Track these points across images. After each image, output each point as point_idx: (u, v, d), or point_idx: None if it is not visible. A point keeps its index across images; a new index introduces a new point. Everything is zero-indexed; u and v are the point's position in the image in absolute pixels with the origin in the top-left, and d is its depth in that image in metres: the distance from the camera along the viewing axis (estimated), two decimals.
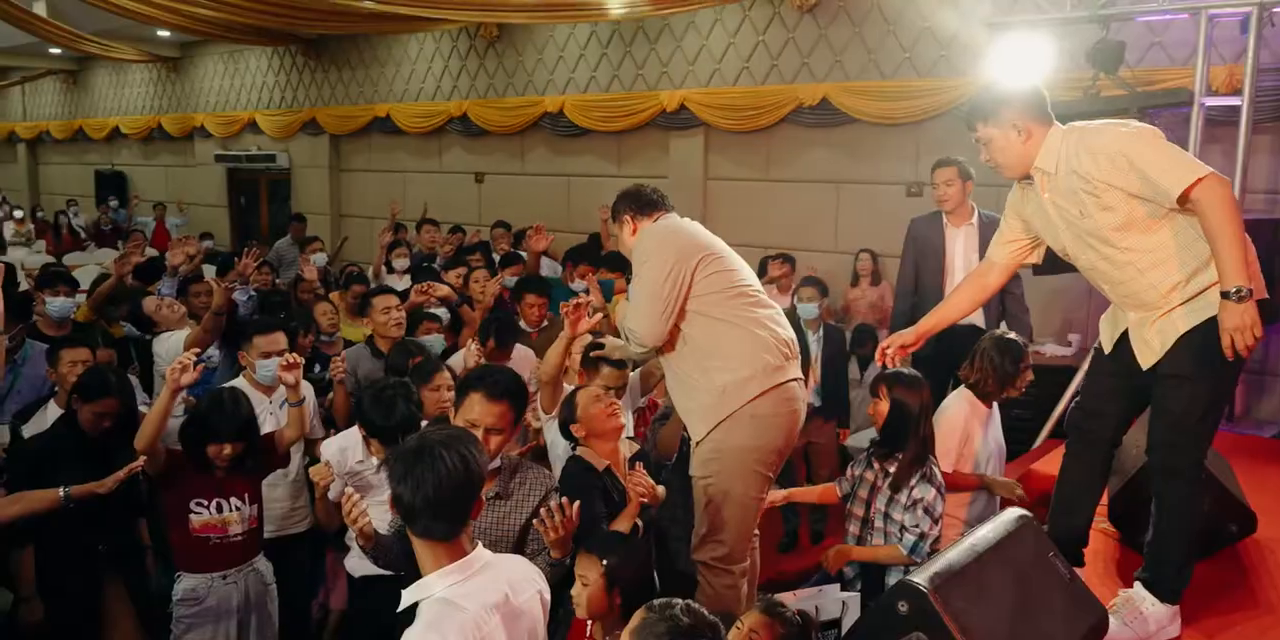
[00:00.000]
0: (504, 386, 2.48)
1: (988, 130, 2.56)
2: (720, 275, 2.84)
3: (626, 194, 3.08)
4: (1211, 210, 2.26)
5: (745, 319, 2.83)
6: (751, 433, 2.79)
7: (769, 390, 2.78)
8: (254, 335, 3.71)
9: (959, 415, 3.56)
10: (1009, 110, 2.52)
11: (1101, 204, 2.42)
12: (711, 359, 2.81)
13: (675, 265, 2.79)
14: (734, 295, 2.84)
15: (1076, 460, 2.76)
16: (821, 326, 5.73)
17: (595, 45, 9.03)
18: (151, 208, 13.79)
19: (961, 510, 3.59)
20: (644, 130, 8.78)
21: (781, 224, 8.03)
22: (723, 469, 2.80)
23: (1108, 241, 2.45)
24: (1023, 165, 2.55)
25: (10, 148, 18.38)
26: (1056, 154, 2.48)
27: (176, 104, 14.21)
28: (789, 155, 7.99)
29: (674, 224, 2.98)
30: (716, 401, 2.79)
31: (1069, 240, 2.56)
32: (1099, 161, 2.39)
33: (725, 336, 2.81)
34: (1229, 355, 2.26)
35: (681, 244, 2.85)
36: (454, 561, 1.83)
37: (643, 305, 2.82)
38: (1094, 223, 2.45)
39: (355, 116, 11.34)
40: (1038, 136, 2.51)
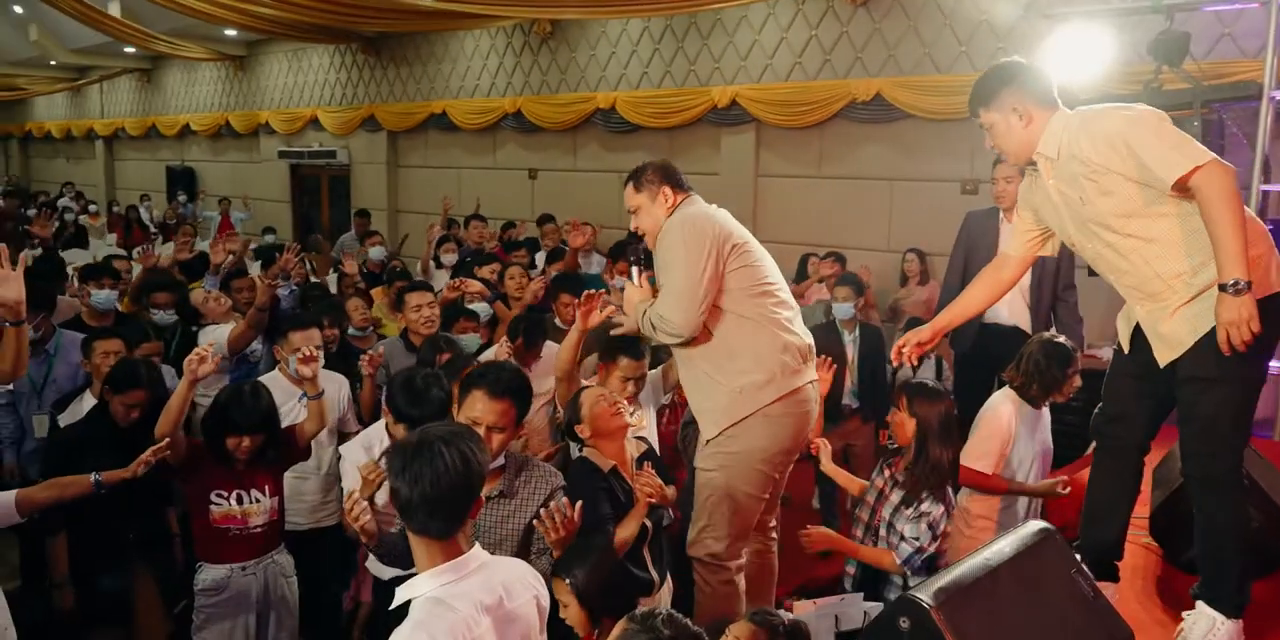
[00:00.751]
0: (506, 384, 2.45)
1: (989, 115, 2.45)
2: (749, 270, 2.77)
3: (660, 165, 2.97)
4: (1210, 199, 2.13)
5: (770, 319, 2.76)
6: (763, 434, 2.74)
7: (784, 396, 2.73)
8: (289, 331, 3.75)
9: (1002, 417, 3.46)
10: (1008, 93, 2.40)
11: (1101, 189, 2.30)
12: (734, 360, 2.74)
13: (712, 252, 2.71)
14: (760, 293, 2.77)
15: (1103, 469, 2.63)
16: (858, 326, 5.61)
17: (647, 41, 8.98)
18: (217, 203, 14.13)
19: (996, 514, 3.48)
20: (695, 126, 8.70)
21: (833, 222, 7.88)
22: (729, 465, 2.76)
23: (1111, 228, 2.33)
24: (1025, 151, 2.44)
25: (89, 144, 19.02)
26: (1059, 138, 2.36)
27: (243, 101, 14.54)
28: (841, 152, 7.84)
29: (708, 209, 2.90)
30: (732, 403, 2.74)
31: (1074, 228, 2.44)
32: (1098, 145, 2.27)
33: (749, 337, 2.75)
34: (1225, 350, 2.14)
35: (717, 231, 2.76)
36: (449, 560, 1.81)
37: (681, 293, 2.71)
38: (1095, 209, 2.33)
39: (412, 113, 11.47)
40: (1039, 120, 2.39)
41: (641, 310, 2.85)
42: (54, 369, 4.07)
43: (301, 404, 3.75)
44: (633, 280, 2.98)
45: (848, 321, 5.57)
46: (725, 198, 8.22)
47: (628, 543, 2.74)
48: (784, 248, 8.02)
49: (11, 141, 22.15)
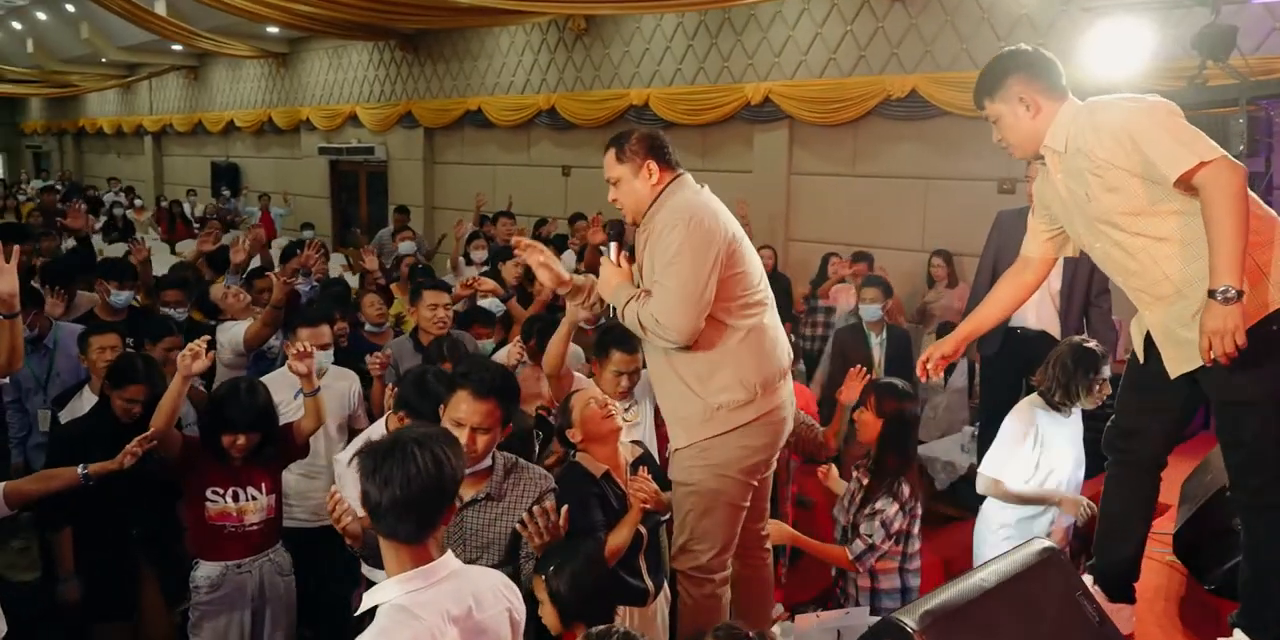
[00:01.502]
0: (490, 383, 2.38)
1: (995, 107, 2.31)
2: (743, 275, 2.57)
3: (646, 135, 2.65)
4: (1212, 198, 1.99)
5: (758, 329, 2.59)
6: (736, 446, 2.59)
7: (764, 415, 2.58)
8: (298, 327, 3.72)
9: (1026, 423, 3.35)
10: (1015, 82, 2.27)
11: (1106, 185, 2.16)
12: (715, 375, 2.55)
13: (719, 258, 2.48)
14: (753, 301, 2.59)
15: (1117, 485, 2.48)
16: (885, 328, 5.47)
17: (681, 37, 8.89)
18: (257, 198, 14.32)
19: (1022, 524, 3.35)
20: (728, 124, 8.60)
21: (866, 221, 7.73)
22: (705, 478, 2.61)
23: (1118, 226, 2.20)
24: (1032, 144, 2.30)
25: (138, 140, 19.40)
26: (1066, 131, 2.23)
27: (285, 98, 14.71)
28: (876, 149, 7.68)
29: (709, 202, 2.61)
30: (708, 419, 2.56)
31: (1082, 226, 2.30)
32: (1103, 138, 2.14)
33: (735, 351, 2.55)
34: (1206, 360, 2.00)
35: (723, 233, 2.52)
36: (417, 567, 1.75)
37: (684, 297, 2.46)
38: (1101, 206, 2.20)
39: (448, 110, 11.49)
40: (1048, 111, 2.26)
41: (627, 303, 2.58)
42: (55, 363, 4.10)
43: None
44: (609, 256, 2.70)
45: (875, 323, 5.45)
46: (758, 196, 8.28)
47: (619, 550, 2.65)
48: (816, 246, 7.92)
49: (66, 137, 22.70)
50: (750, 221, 7.67)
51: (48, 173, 22.85)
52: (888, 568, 3.10)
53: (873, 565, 3.09)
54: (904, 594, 3.10)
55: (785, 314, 7.16)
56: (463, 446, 2.36)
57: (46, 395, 4.03)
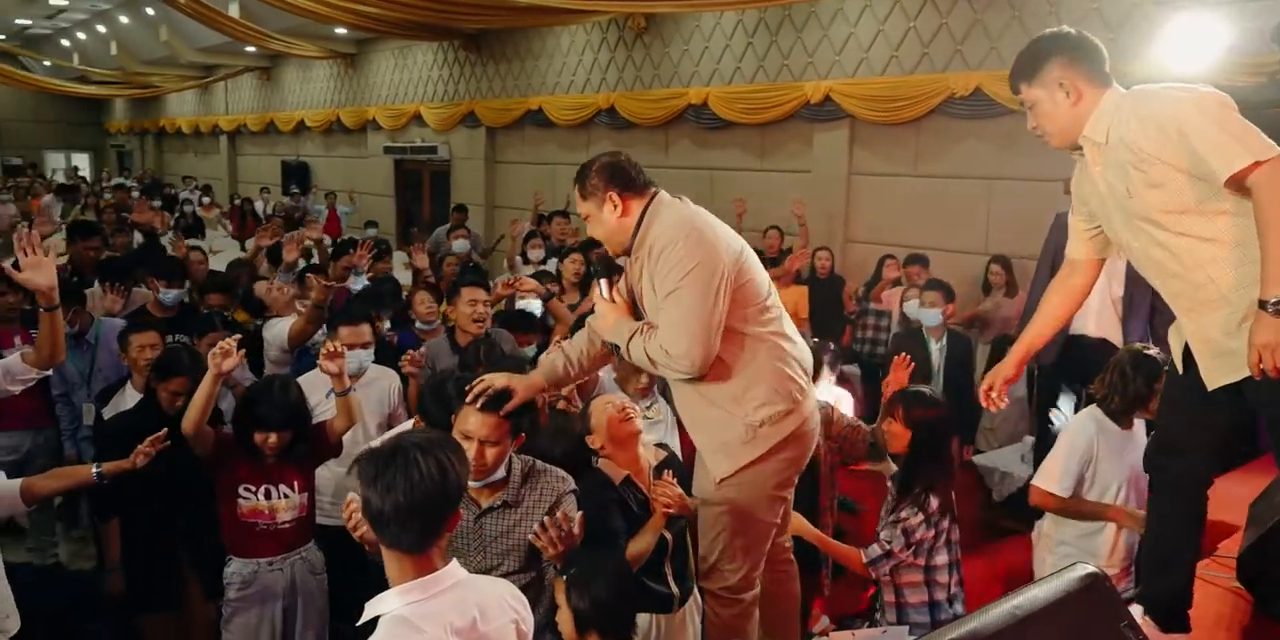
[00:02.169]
0: (498, 397, 2.34)
1: (1032, 92, 2.17)
2: (752, 283, 2.45)
3: (604, 165, 2.47)
4: (1267, 201, 1.84)
5: (778, 334, 2.47)
6: (775, 460, 2.47)
7: (804, 422, 2.48)
8: (338, 326, 3.73)
9: (1082, 435, 3.20)
10: (1055, 66, 2.12)
11: (1149, 181, 2.01)
12: (749, 390, 2.40)
13: (722, 271, 2.34)
14: (766, 306, 2.47)
15: (1162, 507, 2.33)
16: (945, 334, 5.30)
17: (741, 35, 8.77)
18: (323, 196, 14.59)
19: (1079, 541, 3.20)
20: (787, 123, 8.46)
21: (927, 222, 7.53)
22: (739, 497, 2.48)
23: (1160, 225, 2.05)
24: (1071, 133, 2.16)
25: (214, 140, 19.95)
26: (1109, 121, 2.08)
27: (353, 98, 14.96)
28: (938, 149, 7.47)
29: (696, 216, 2.45)
30: (754, 439, 2.41)
31: (1120, 223, 2.15)
32: (1148, 130, 1.99)
33: (762, 361, 2.42)
34: (1255, 374, 1.85)
35: (722, 244, 2.39)
36: (420, 577, 1.70)
37: (690, 322, 2.31)
38: (1142, 203, 2.05)
39: (510, 109, 11.55)
40: (1089, 98, 2.11)
41: (631, 339, 2.45)
42: (97, 358, 4.19)
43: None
44: (603, 295, 2.56)
45: (934, 329, 5.29)
46: (816, 196, 8.13)
47: (641, 557, 2.60)
48: (875, 248, 7.74)
49: (147, 137, 23.47)
50: (807, 222, 7.55)
51: (129, 171, 23.66)
52: (912, 581, 2.98)
53: (897, 580, 2.97)
54: (932, 608, 2.98)
55: (837, 316, 7.12)
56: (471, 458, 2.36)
57: (90, 390, 4.12)
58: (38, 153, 24.81)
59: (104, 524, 3.51)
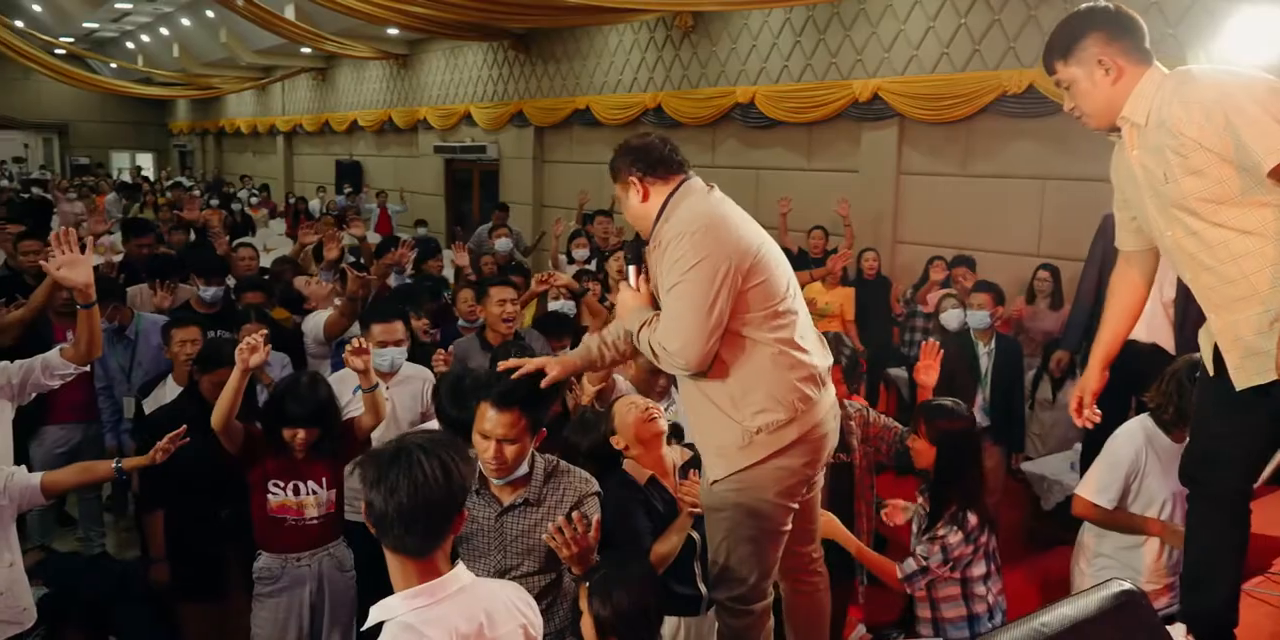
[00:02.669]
0: (513, 394, 2.29)
1: (1069, 70, 2.06)
2: (767, 285, 2.32)
3: (632, 148, 2.41)
4: None
5: (788, 342, 2.34)
6: (773, 467, 2.36)
7: (807, 433, 2.35)
8: (371, 323, 3.73)
9: (1130, 445, 3.07)
10: (1094, 43, 2.01)
11: (1189, 167, 1.90)
12: (748, 395, 2.32)
13: (731, 273, 2.24)
14: (778, 311, 2.34)
15: (1200, 519, 2.21)
16: (994, 338, 5.16)
17: (789, 33, 8.67)
18: (375, 195, 14.77)
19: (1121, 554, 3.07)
20: (835, 122, 8.34)
21: (978, 223, 7.37)
22: (740, 502, 2.40)
23: (1196, 214, 1.93)
24: (1110, 113, 2.05)
25: (271, 140, 20.33)
26: (1149, 102, 1.97)
27: (404, 98, 15.12)
28: (990, 148, 7.30)
29: (715, 208, 2.36)
30: (748, 444, 2.33)
31: (1155, 210, 2.04)
32: (1191, 114, 1.87)
33: (766, 368, 2.32)
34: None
35: (734, 240, 2.28)
36: (425, 582, 1.67)
37: (687, 319, 2.25)
38: (1179, 190, 1.94)
39: (558, 109, 11.57)
40: (1130, 76, 2.00)
41: (640, 328, 2.40)
42: (138, 352, 4.26)
43: (386, 396, 3.75)
44: (629, 282, 2.52)
45: (983, 332, 5.15)
46: (864, 196, 8.00)
47: (668, 557, 2.56)
48: (924, 249, 7.60)
49: (208, 137, 24.01)
50: (851, 222, 7.43)
51: (191, 170, 24.25)
52: (949, 595, 2.89)
53: (934, 594, 2.89)
54: (971, 622, 2.89)
55: (884, 318, 6.98)
56: (490, 457, 2.34)
57: (130, 384, 4.19)
58: (104, 152, 25.57)
59: (148, 515, 3.56)
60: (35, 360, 2.96)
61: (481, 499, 2.46)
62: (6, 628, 2.80)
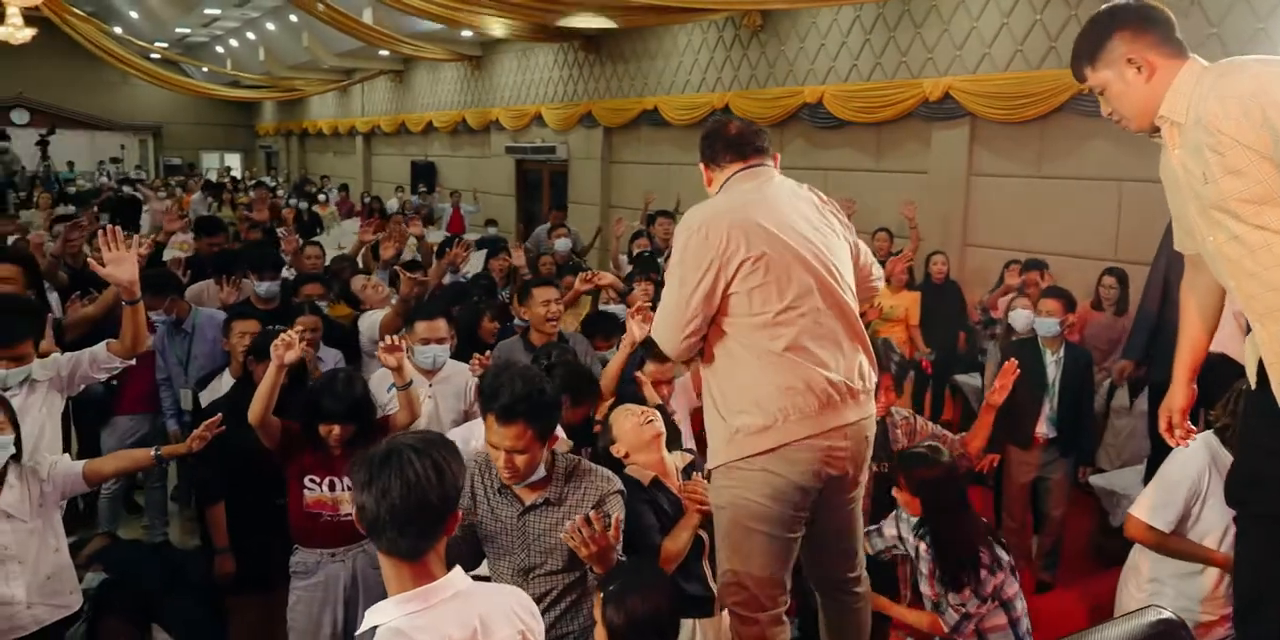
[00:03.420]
0: (515, 407, 2.27)
1: (1099, 75, 1.96)
2: (758, 292, 2.28)
3: (710, 132, 2.48)
4: None
5: (776, 354, 2.29)
6: (759, 469, 2.33)
7: (791, 443, 2.30)
8: (415, 321, 3.76)
9: (1192, 464, 2.86)
10: (1120, 42, 1.91)
11: (1227, 166, 1.77)
12: (730, 396, 2.35)
13: (709, 269, 2.27)
14: (768, 323, 2.29)
15: (1250, 544, 2.06)
16: (1064, 346, 4.94)
17: (858, 31, 8.50)
18: (448, 195, 14.99)
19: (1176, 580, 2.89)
20: (904, 121, 8.15)
21: (1053, 227, 7.11)
22: (736, 502, 2.38)
23: (1236, 215, 1.81)
24: (1148, 113, 1.93)
25: (351, 140, 20.81)
26: (1188, 98, 1.85)
27: (478, 99, 15.31)
28: (1065, 149, 7.04)
29: (734, 205, 2.36)
30: (728, 442, 2.36)
31: (1197, 214, 1.91)
32: (1229, 109, 1.75)
33: (750, 373, 2.31)
34: None
35: (725, 239, 2.28)
36: (419, 586, 1.65)
37: (667, 311, 2.38)
38: (1219, 190, 1.81)
39: (626, 109, 11.57)
40: (1164, 72, 1.89)
41: None
42: (194, 346, 4.37)
43: (428, 394, 3.78)
44: None
45: (1051, 340, 4.93)
46: (933, 197, 7.79)
47: (679, 555, 2.57)
48: (995, 253, 7.37)
49: (292, 138, 24.70)
50: (918, 224, 7.25)
51: (276, 170, 25.00)
52: (997, 625, 2.77)
53: (981, 626, 2.78)
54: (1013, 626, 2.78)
55: (953, 324, 6.78)
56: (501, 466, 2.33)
57: (188, 376, 4.31)
58: (195, 153, 26.55)
59: (210, 507, 3.62)
60: (84, 353, 3.06)
61: (504, 498, 2.47)
62: (54, 611, 2.87)
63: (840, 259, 2.42)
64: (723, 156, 2.44)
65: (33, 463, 2.82)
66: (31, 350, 2.95)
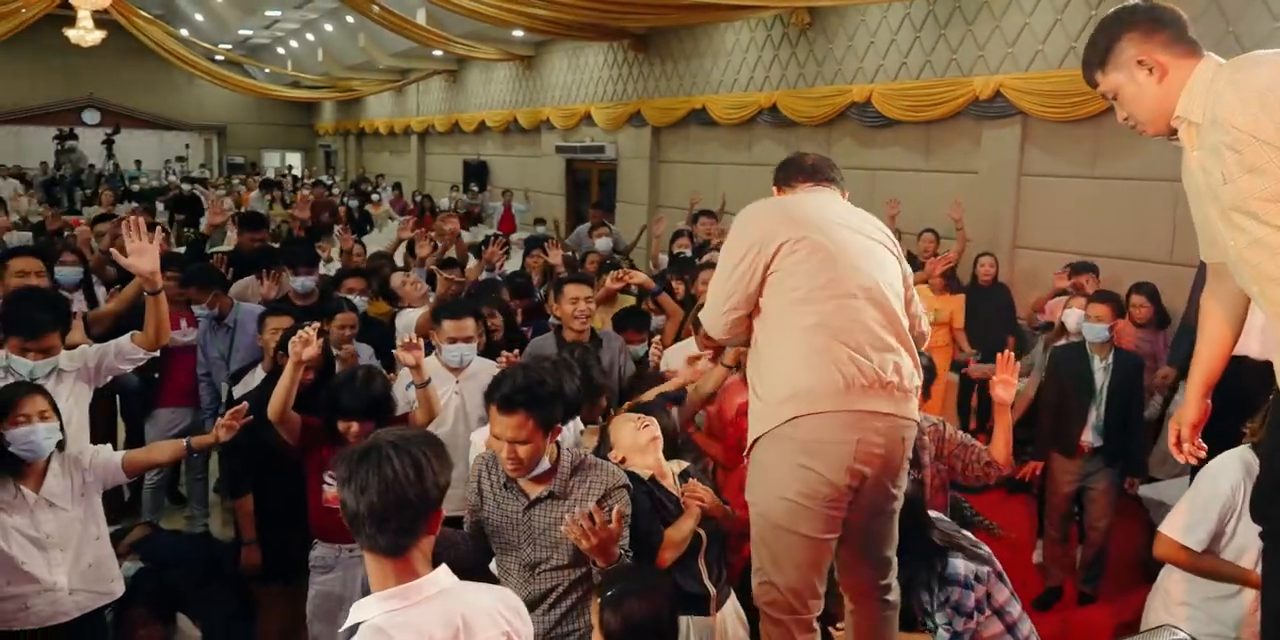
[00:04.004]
0: (514, 397, 2.29)
1: (1110, 79, 1.89)
2: (797, 271, 2.33)
3: (785, 162, 2.68)
4: None
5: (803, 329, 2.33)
6: (793, 465, 2.31)
7: (812, 414, 2.28)
8: (443, 319, 3.76)
9: (1226, 479, 2.72)
10: (1127, 44, 1.84)
11: (1245, 164, 1.68)
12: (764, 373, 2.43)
13: (750, 250, 2.37)
14: (801, 299, 2.33)
15: (1275, 562, 1.95)
16: (1113, 352, 4.78)
17: (908, 28, 8.36)
18: (500, 194, 15.10)
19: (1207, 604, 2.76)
20: (954, 120, 7.99)
21: (1107, 229, 6.90)
22: (765, 495, 2.37)
23: (1256, 217, 1.72)
24: (1163, 115, 1.85)
25: (406, 139, 21.11)
26: (1204, 96, 1.76)
27: (529, 99, 15.41)
28: (1119, 148, 6.83)
29: (787, 198, 2.55)
30: (759, 414, 2.41)
31: (1217, 217, 1.83)
32: (1246, 103, 1.66)
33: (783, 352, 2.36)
34: None
35: (767, 224, 2.39)
36: (402, 583, 1.64)
37: (713, 290, 2.51)
38: (1237, 191, 1.72)
39: (674, 108, 11.54)
40: (1177, 71, 1.80)
41: None
42: (235, 340, 4.44)
43: (455, 390, 3.79)
44: None
45: (1100, 345, 4.77)
46: (983, 198, 7.63)
47: (681, 543, 2.61)
48: (1046, 255, 7.19)
49: (350, 137, 25.14)
50: (965, 225, 7.09)
51: (334, 169, 25.47)
52: (995, 633, 2.68)
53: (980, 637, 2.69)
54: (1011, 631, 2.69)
55: (1002, 327, 6.62)
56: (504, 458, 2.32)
57: (229, 371, 4.38)
58: (257, 152, 27.20)
59: (238, 499, 3.66)
60: (110, 344, 3.12)
61: (510, 493, 2.48)
62: (96, 598, 2.93)
63: (887, 267, 2.47)
64: (796, 177, 2.58)
65: (75, 452, 2.89)
66: (58, 342, 3.02)
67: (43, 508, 2.76)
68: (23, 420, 2.67)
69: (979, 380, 6.60)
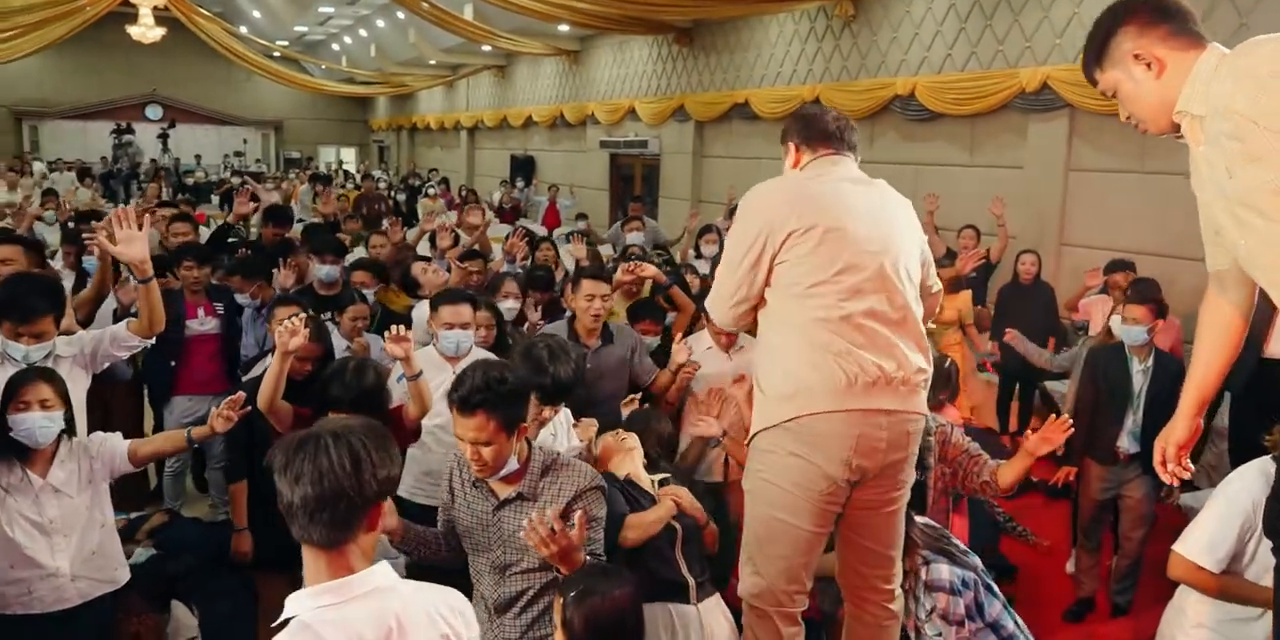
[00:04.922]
0: (472, 398, 2.22)
1: (1108, 75, 1.75)
2: (804, 262, 2.28)
3: (803, 115, 2.54)
4: None
5: (807, 323, 2.28)
6: (787, 453, 2.30)
7: (819, 413, 2.25)
8: (440, 305, 3.69)
9: (1246, 495, 2.49)
10: (1124, 39, 1.70)
11: (1249, 152, 1.54)
12: (768, 366, 2.39)
13: (758, 239, 2.31)
14: (806, 293, 2.28)
15: None
16: (1153, 354, 4.56)
17: (953, 20, 8.13)
18: (546, 189, 15.11)
19: (1228, 626, 2.58)
20: (1000, 113, 7.76)
21: (1155, 225, 6.65)
22: (762, 486, 2.36)
23: (1262, 212, 1.56)
24: (1164, 111, 1.71)
25: (456, 135, 21.26)
26: (1206, 87, 1.62)
27: (575, 94, 15.40)
28: (1170, 143, 6.29)
29: (799, 178, 2.43)
30: (761, 408, 2.38)
31: (1223, 213, 1.67)
32: (1244, 88, 1.53)
33: (787, 344, 2.33)
34: None
35: (777, 211, 2.32)
36: (335, 578, 1.58)
37: (720, 280, 2.45)
38: (1242, 183, 1.57)
39: (718, 103, 11.43)
40: (1177, 64, 1.67)
41: None
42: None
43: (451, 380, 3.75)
44: None
45: (1139, 348, 4.55)
46: (1028, 194, 7.40)
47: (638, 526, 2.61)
48: (1093, 253, 6.93)
49: (402, 132, 25.43)
50: (1007, 221, 6.87)
51: (387, 164, 25.79)
52: None
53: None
54: None
55: (1043, 327, 6.39)
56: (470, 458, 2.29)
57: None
58: (313, 147, 27.66)
59: (233, 485, 3.66)
60: (105, 331, 3.12)
61: (479, 492, 2.42)
62: (98, 586, 2.94)
63: (903, 251, 2.39)
64: (817, 140, 2.47)
65: (83, 440, 2.90)
66: (52, 327, 3.03)
67: (48, 493, 2.77)
68: (23, 407, 2.69)
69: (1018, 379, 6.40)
